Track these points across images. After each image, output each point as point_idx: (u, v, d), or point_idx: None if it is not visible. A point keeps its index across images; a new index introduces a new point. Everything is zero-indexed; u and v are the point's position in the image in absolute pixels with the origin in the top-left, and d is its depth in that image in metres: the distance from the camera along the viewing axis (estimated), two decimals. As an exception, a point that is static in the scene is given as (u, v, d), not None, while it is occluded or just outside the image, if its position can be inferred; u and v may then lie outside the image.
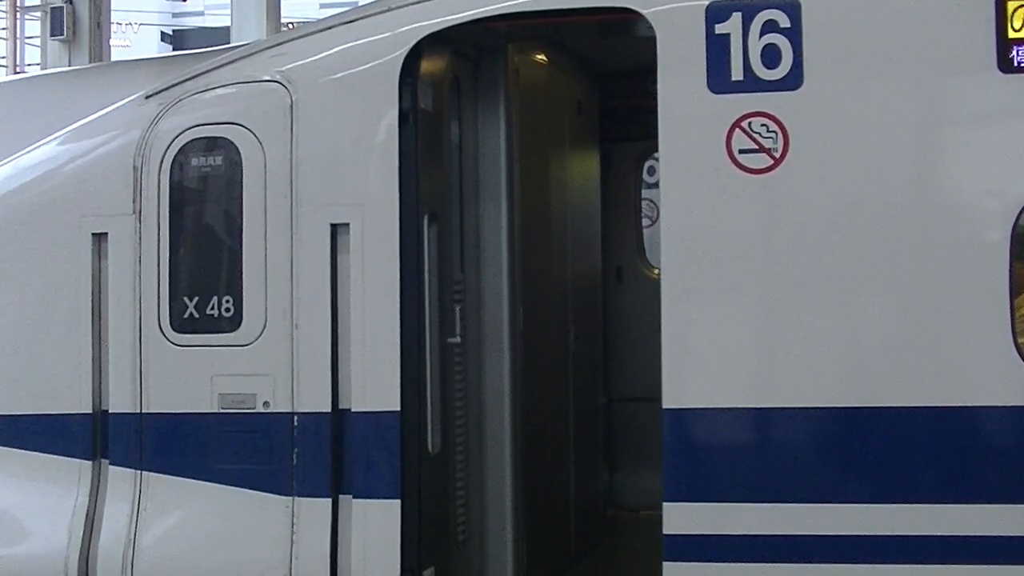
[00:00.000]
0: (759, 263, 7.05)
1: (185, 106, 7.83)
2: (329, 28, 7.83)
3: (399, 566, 7.44)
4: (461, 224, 8.31)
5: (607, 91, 10.76)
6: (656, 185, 8.18)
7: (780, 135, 7.00)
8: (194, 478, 7.70)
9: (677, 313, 7.12)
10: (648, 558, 7.57)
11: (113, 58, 26.25)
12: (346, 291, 7.54)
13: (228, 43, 15.63)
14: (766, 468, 7.06)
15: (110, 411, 7.85)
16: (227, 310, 7.68)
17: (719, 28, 7.06)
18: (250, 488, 7.62)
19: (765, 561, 7.03)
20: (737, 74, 7.05)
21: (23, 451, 7.99)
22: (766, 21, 7.02)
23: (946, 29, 6.94)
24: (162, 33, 63.97)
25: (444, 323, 7.87)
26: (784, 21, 7.01)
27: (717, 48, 7.06)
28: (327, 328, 7.53)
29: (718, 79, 7.07)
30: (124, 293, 7.81)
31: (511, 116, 8.49)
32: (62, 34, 23.83)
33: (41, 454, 7.97)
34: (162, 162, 7.79)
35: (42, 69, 26.00)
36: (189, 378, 7.70)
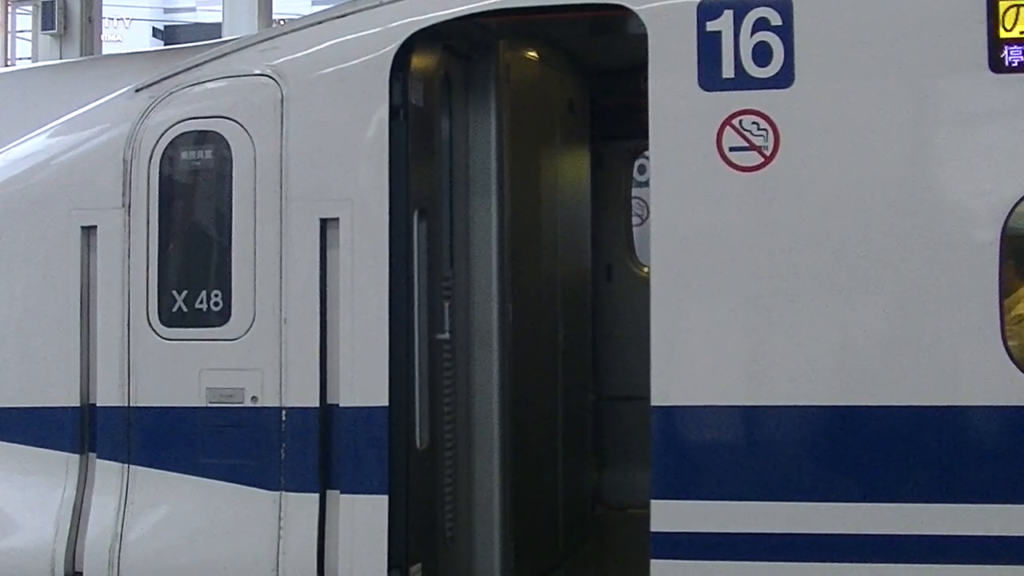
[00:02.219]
0: (749, 261, 7.05)
1: (176, 99, 7.82)
2: (320, 23, 7.83)
3: (386, 562, 7.43)
4: (451, 220, 8.31)
5: (598, 89, 10.75)
6: (647, 183, 8.17)
7: (771, 133, 7.00)
8: (181, 472, 7.69)
9: (667, 311, 7.12)
10: (636, 556, 7.56)
11: (104, 53, 26.19)
12: (335, 286, 7.53)
13: (219, 39, 15.59)
14: (754, 466, 7.07)
15: (98, 404, 7.84)
16: (216, 304, 7.68)
17: (710, 26, 7.06)
18: (237, 483, 7.61)
19: (752, 559, 7.03)
20: (728, 72, 7.04)
21: (10, 444, 7.99)
22: (758, 19, 7.02)
23: (938, 28, 6.94)
24: (153, 29, 63.84)
25: (433, 319, 7.86)
26: (776, 19, 7.01)
27: (708, 46, 7.06)
28: (316, 323, 7.53)
29: (709, 77, 7.06)
30: (113, 286, 7.80)
31: (502, 113, 8.48)
32: (53, 28, 23.78)
33: (29, 447, 7.96)
34: (152, 155, 7.78)
35: (33, 63, 25.93)
36: (177, 372, 7.70)
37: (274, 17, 25.61)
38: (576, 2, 7.55)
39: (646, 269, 10.71)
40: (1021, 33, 6.84)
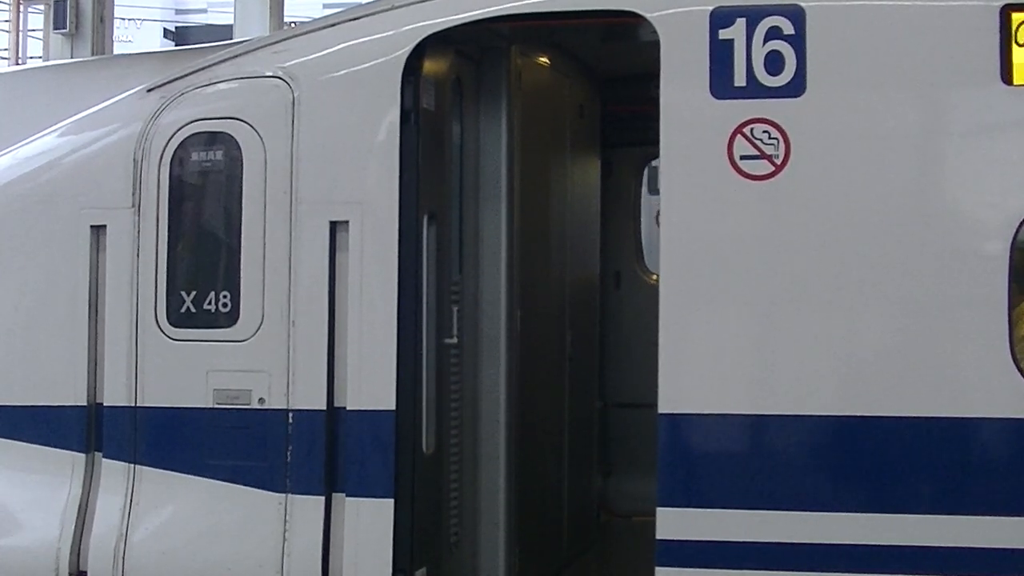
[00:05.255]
0: (758, 269, 7.04)
1: (187, 100, 7.82)
2: (332, 25, 7.83)
3: (391, 565, 7.43)
4: (460, 225, 8.30)
5: (609, 95, 10.75)
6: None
7: (781, 142, 6.99)
8: (187, 473, 7.70)
9: (675, 319, 7.11)
10: (640, 563, 7.55)
11: (115, 53, 26.23)
12: (344, 289, 7.53)
13: (231, 40, 15.61)
14: (761, 475, 7.06)
15: (104, 404, 7.84)
16: (224, 305, 7.68)
17: (723, 34, 7.05)
18: (243, 484, 7.61)
19: (757, 568, 7.02)
20: (740, 80, 7.04)
21: (17, 442, 8.00)
22: (770, 28, 7.01)
23: (950, 41, 6.93)
24: (164, 30, 63.92)
25: (441, 323, 7.86)
26: (788, 28, 7.00)
27: (720, 53, 7.06)
28: (324, 326, 7.53)
29: (721, 85, 7.06)
30: (121, 286, 7.81)
31: (512, 118, 8.48)
32: (65, 28, 23.84)
33: (35, 446, 7.97)
34: (162, 156, 7.79)
35: (44, 62, 25.98)
36: (184, 372, 7.70)
37: (285, 19, 25.64)
38: (588, 8, 7.55)
39: (655, 276, 10.70)
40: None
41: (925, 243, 6.89)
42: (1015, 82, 6.84)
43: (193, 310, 7.73)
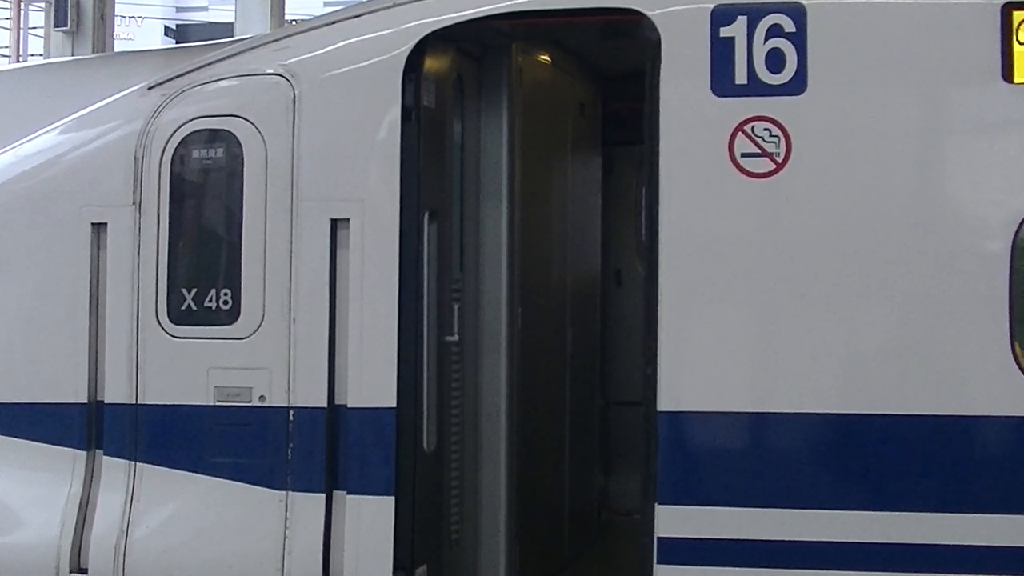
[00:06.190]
0: (758, 267, 7.04)
1: (188, 98, 7.82)
2: (333, 23, 7.83)
3: (392, 563, 7.43)
4: (461, 223, 8.30)
5: (610, 93, 10.75)
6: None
7: (783, 140, 7.00)
8: (188, 470, 7.70)
9: (675, 317, 7.11)
10: (641, 561, 7.55)
11: (116, 51, 26.23)
12: (345, 287, 7.53)
13: (231, 38, 15.60)
14: (761, 473, 7.06)
15: (105, 401, 7.84)
16: (225, 303, 7.68)
17: (724, 31, 7.06)
18: (244, 482, 7.61)
19: (757, 566, 7.02)
20: (741, 78, 7.04)
21: (18, 439, 8.00)
22: (771, 25, 7.02)
23: (951, 39, 6.94)
24: (165, 27, 63.95)
25: (442, 321, 7.86)
26: (789, 26, 7.01)
27: (721, 51, 7.06)
28: (325, 323, 7.53)
29: (722, 83, 7.06)
30: (122, 284, 7.81)
31: (513, 115, 8.48)
32: (66, 25, 23.85)
33: (36, 443, 7.97)
34: (163, 153, 7.79)
35: (45, 60, 25.98)
36: (185, 370, 7.70)
37: (286, 17, 25.65)
38: (589, 6, 7.55)
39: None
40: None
41: (926, 241, 6.90)
42: (1016, 80, 6.84)
43: (194, 307, 7.73)
